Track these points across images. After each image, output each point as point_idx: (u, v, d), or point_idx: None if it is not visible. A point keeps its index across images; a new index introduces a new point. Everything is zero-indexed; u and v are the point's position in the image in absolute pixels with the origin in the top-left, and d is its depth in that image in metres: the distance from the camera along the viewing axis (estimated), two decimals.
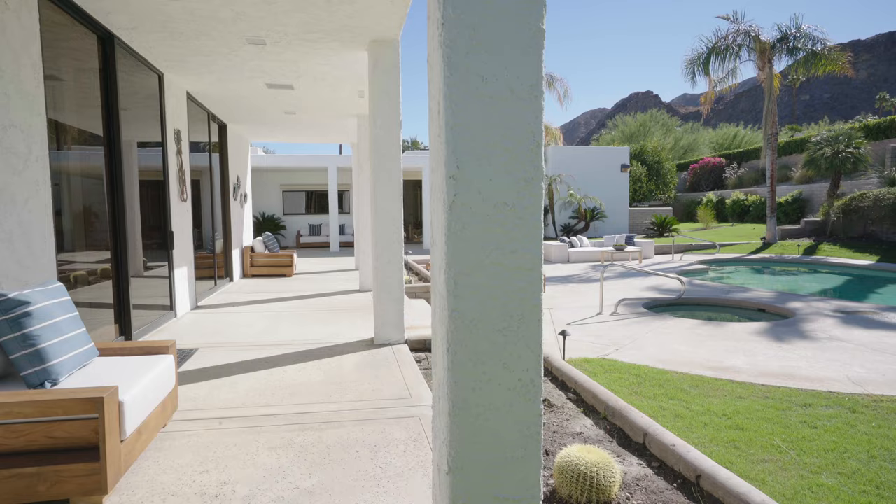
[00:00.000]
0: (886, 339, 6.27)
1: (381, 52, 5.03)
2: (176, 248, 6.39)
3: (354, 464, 2.71)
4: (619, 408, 3.32)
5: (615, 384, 4.87)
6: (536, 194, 1.59)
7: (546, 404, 3.70)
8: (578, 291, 10.33)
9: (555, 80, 22.35)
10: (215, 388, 3.92)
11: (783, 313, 8.15)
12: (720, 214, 26.50)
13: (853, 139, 17.54)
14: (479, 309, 1.58)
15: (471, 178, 1.55)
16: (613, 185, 24.06)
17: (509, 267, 1.58)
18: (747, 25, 17.62)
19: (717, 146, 41.80)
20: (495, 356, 1.60)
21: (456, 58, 1.52)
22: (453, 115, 1.53)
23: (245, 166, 11.19)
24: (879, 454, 3.40)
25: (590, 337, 6.72)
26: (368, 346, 5.15)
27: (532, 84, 1.56)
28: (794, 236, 18.59)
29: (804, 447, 3.53)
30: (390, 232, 5.18)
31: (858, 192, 17.12)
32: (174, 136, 6.39)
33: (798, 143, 26.19)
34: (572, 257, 15.74)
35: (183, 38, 4.96)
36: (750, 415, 4.10)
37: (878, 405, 4.27)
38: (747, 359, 5.64)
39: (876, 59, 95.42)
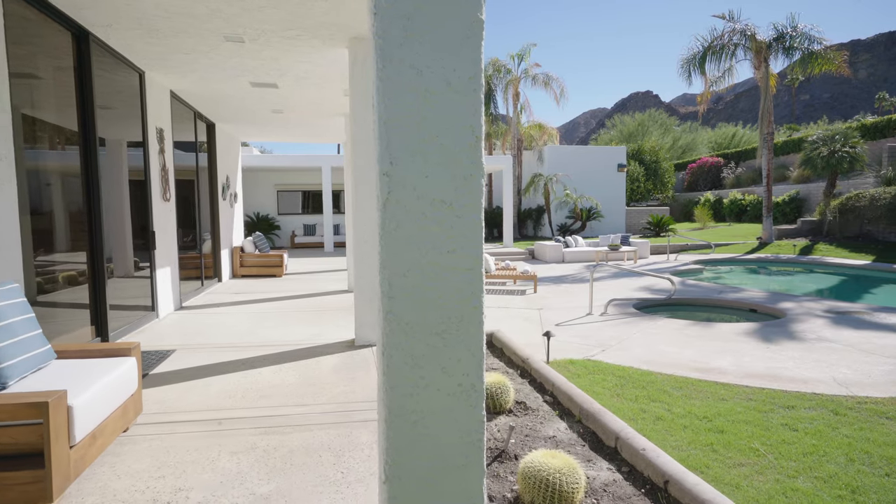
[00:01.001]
0: (875, 340, 6.21)
1: (360, 49, 4.97)
2: (158, 249, 6.33)
3: (316, 468, 2.65)
4: (594, 411, 3.26)
5: (598, 386, 4.81)
6: (476, 192, 1.53)
7: (522, 407, 3.64)
8: (571, 292, 10.26)
9: (551, 79, 22.28)
10: (187, 390, 3.85)
11: (774, 313, 8.08)
12: (718, 214, 26.42)
13: (849, 139, 17.46)
14: (415, 311, 1.52)
15: (405, 175, 1.49)
16: (610, 184, 23.99)
17: (447, 267, 1.52)
18: (743, 24, 17.55)
19: (716, 146, 41.72)
20: (433, 360, 1.54)
21: (388, 49, 1.46)
22: (386, 110, 1.47)
23: (235, 166, 11.13)
24: (858, 457, 3.34)
25: (577, 338, 6.65)
26: (349, 347, 5.09)
27: (470, 77, 1.50)
28: (790, 236, 18.52)
29: (783, 450, 3.47)
30: (370, 233, 5.12)
31: (855, 192, 17.05)
32: (156, 135, 6.33)
33: (796, 142, 26.11)
34: (567, 257, 15.68)
35: (160, 36, 4.90)
36: (731, 417, 4.03)
37: (861, 407, 4.21)
38: (734, 360, 5.57)
39: (876, 59, 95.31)
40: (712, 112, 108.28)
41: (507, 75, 22.58)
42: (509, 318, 7.98)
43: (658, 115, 44.86)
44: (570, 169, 22.82)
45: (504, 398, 3.48)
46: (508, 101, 23.04)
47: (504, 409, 3.51)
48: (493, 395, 3.46)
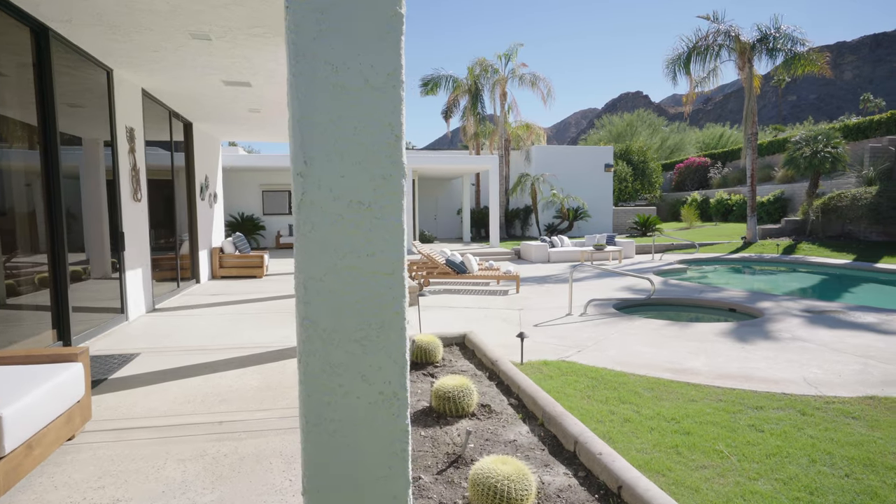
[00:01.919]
0: (848, 339, 6.23)
1: None
2: (128, 250, 6.21)
3: (264, 476, 2.58)
4: (556, 414, 3.22)
5: (569, 387, 4.77)
6: (396, 192, 1.47)
7: (486, 410, 3.59)
8: (553, 292, 10.24)
9: (538, 79, 22.28)
10: (144, 395, 3.77)
11: (753, 313, 8.11)
12: (704, 214, 26.58)
13: (831, 139, 17.62)
14: (332, 317, 1.46)
15: (320, 175, 1.43)
16: (598, 184, 24.04)
17: (366, 271, 1.47)
18: (727, 25, 17.64)
19: (704, 146, 41.99)
20: (353, 368, 1.48)
21: (302, 44, 1.40)
22: (300, 107, 1.41)
23: (215, 165, 10.99)
24: (820, 458, 3.32)
25: (554, 338, 6.62)
26: None
27: (389, 73, 1.44)
28: (774, 235, 18.66)
29: (747, 452, 3.45)
30: None
31: (837, 192, 17.21)
32: (126, 134, 6.22)
33: (781, 143, 26.32)
34: (553, 257, 15.67)
35: (123, 32, 4.80)
36: (699, 418, 4.01)
37: (828, 407, 4.20)
38: (708, 360, 5.56)
39: (861, 61, 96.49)
40: (701, 112, 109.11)
41: (494, 75, 22.56)
42: (488, 318, 7.94)
43: (647, 115, 45.07)
44: (558, 169, 22.85)
45: (466, 401, 3.43)
46: (496, 101, 23.02)
47: (467, 412, 3.46)
48: (455, 399, 3.41)
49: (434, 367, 4.57)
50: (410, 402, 3.83)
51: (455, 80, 23.26)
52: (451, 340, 5.32)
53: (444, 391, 3.44)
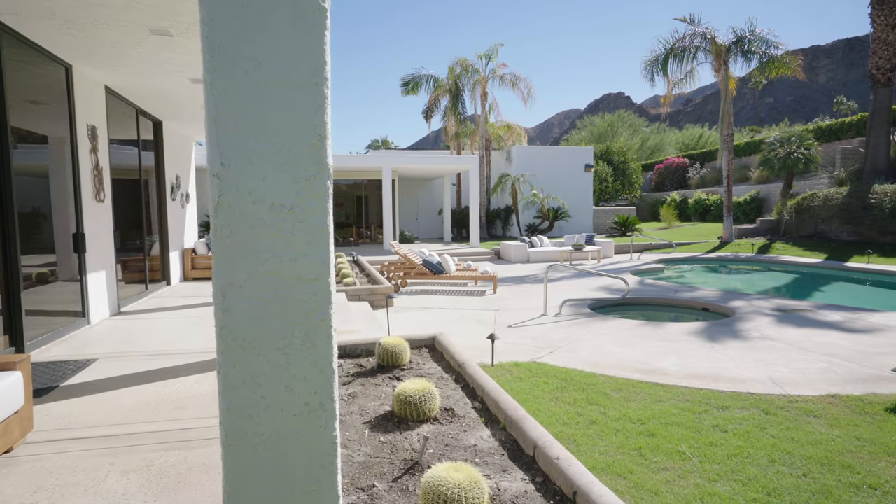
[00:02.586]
0: (815, 338, 6.32)
1: None
2: (91, 251, 6.03)
3: (210, 488, 2.49)
4: (517, 418, 3.18)
5: (538, 389, 4.75)
6: (321, 194, 1.41)
7: (449, 414, 3.54)
8: (530, 292, 10.23)
9: (519, 79, 22.34)
10: (98, 402, 3.64)
11: (725, 312, 8.19)
12: (683, 214, 26.91)
13: (804, 140, 17.95)
14: (253, 325, 1.39)
15: (238, 177, 1.36)
16: (578, 184, 24.19)
17: (289, 277, 1.40)
18: (703, 28, 17.87)
19: (683, 146, 42.53)
20: (275, 378, 1.41)
21: (218, 38, 1.33)
22: (216, 105, 1.34)
23: (188, 165, 10.78)
24: (780, 458, 3.34)
25: (527, 339, 6.60)
26: None
27: (312, 70, 1.38)
28: (750, 235, 18.94)
29: (709, 453, 3.45)
30: None
31: (810, 192, 17.53)
32: (88, 132, 6.04)
33: (757, 144, 26.75)
34: (532, 257, 15.70)
35: (79, 27, 4.65)
36: (665, 419, 4.01)
37: (791, 406, 4.24)
38: (678, 360, 5.58)
39: (835, 64, 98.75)
40: (681, 114, 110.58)
41: (475, 75, 22.56)
42: (463, 319, 7.90)
43: (627, 115, 45.52)
44: (539, 169, 22.92)
45: (428, 406, 3.38)
46: (476, 101, 23.03)
47: (428, 417, 3.40)
48: (416, 403, 3.35)
49: (401, 369, 4.51)
50: (373, 406, 3.77)
51: (436, 79, 23.20)
52: (421, 342, 5.26)
53: (406, 395, 3.38)
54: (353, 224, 23.37)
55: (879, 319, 7.25)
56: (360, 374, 4.46)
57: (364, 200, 23.60)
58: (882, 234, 15.10)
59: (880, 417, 3.96)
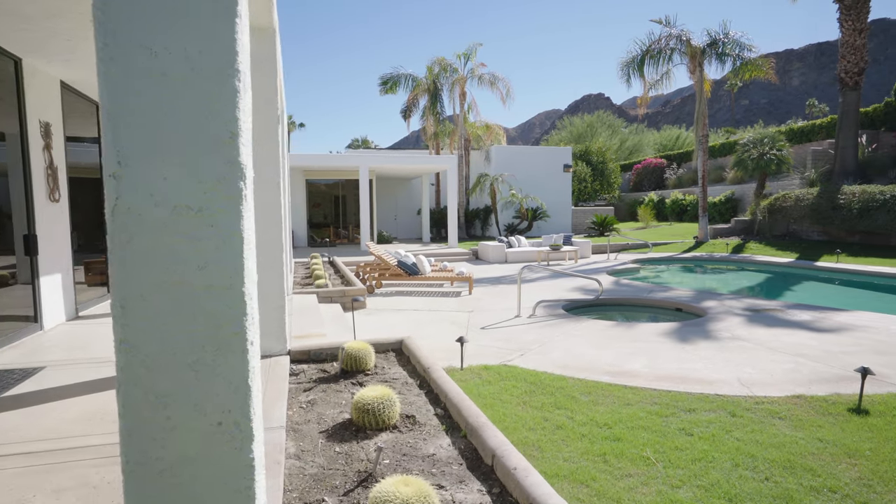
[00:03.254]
0: (783, 338, 6.37)
1: (254, 40, 4.63)
2: (44, 253, 5.78)
3: None
4: (478, 425, 3.09)
5: (506, 393, 4.67)
6: (233, 197, 1.29)
7: (410, 422, 3.43)
8: (506, 293, 10.18)
9: (497, 79, 22.33)
10: (42, 414, 3.45)
11: (698, 312, 8.23)
12: (660, 214, 27.22)
13: (776, 142, 18.26)
14: (156, 339, 1.27)
15: (138, 177, 1.23)
16: (557, 184, 24.28)
17: (198, 286, 1.28)
18: (679, 30, 18.06)
19: (661, 147, 43.08)
20: (183, 397, 1.29)
21: (111, 24, 1.20)
22: (111, 98, 1.21)
23: None
24: (743, 462, 3.31)
25: (500, 341, 6.53)
26: None
27: (222, 60, 1.26)
28: (725, 235, 19.22)
29: (674, 458, 3.40)
30: (271, 235, 4.80)
31: (782, 193, 17.85)
32: (41, 129, 5.78)
33: (732, 145, 27.18)
34: (510, 257, 15.68)
35: (25, 18, 4.42)
36: (631, 423, 3.96)
37: (757, 408, 4.23)
38: (648, 361, 5.56)
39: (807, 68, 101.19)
40: (660, 115, 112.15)
41: (454, 74, 22.48)
42: (437, 321, 7.80)
43: (606, 116, 45.93)
44: (518, 169, 22.94)
45: (386, 414, 3.27)
46: (455, 101, 22.95)
47: (387, 425, 3.29)
48: (375, 411, 3.24)
49: (365, 375, 4.39)
50: (332, 414, 3.64)
51: (414, 78, 23.06)
52: (388, 346, 5.14)
53: (364, 403, 3.26)
54: (330, 224, 23.11)
55: (846, 319, 7.35)
56: (322, 380, 4.33)
57: (342, 200, 23.36)
58: (850, 233, 15.43)
59: (843, 418, 3.97)
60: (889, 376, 4.92)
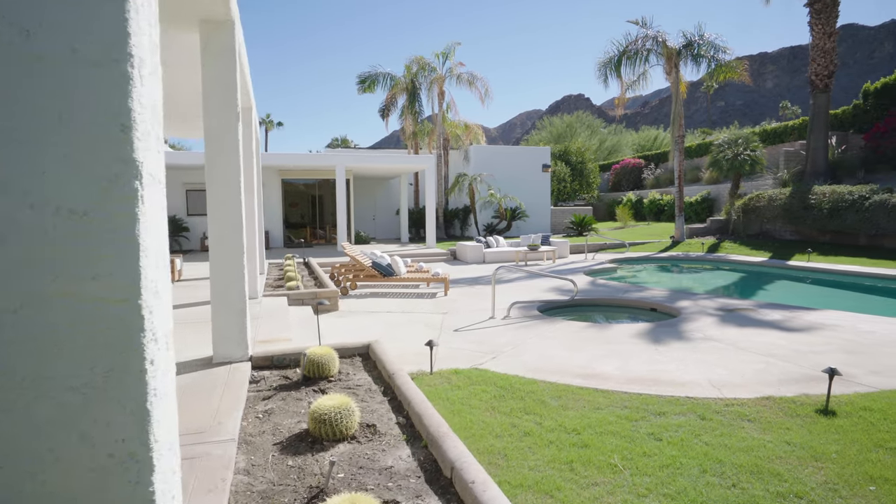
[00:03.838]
0: (755, 338, 6.38)
1: (211, 33, 4.46)
2: None
3: None
4: (439, 435, 2.96)
5: (475, 398, 4.56)
6: (128, 199, 1.14)
7: (370, 431, 3.30)
8: (482, 294, 10.08)
9: (476, 78, 22.25)
10: None
11: (671, 312, 8.24)
12: (638, 214, 27.46)
13: (750, 142, 18.53)
14: (35, 359, 1.11)
15: (9, 175, 1.08)
16: (536, 184, 24.32)
17: (87, 298, 1.13)
18: (655, 31, 18.20)
19: (639, 148, 43.53)
20: (68, 425, 1.14)
21: None
22: None
23: None
24: (711, 468, 3.24)
25: (472, 344, 6.42)
26: (205, 365, 4.56)
27: (109, 43, 1.11)
28: (701, 234, 19.44)
29: (641, 465, 3.32)
30: (230, 237, 4.62)
31: (756, 193, 18.11)
32: None
33: (708, 145, 27.56)
34: (488, 258, 15.61)
35: None
36: (600, 428, 3.88)
37: (727, 410, 4.19)
38: (620, 363, 5.51)
39: (780, 71, 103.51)
40: (639, 116, 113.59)
41: (432, 73, 22.34)
42: (410, 323, 7.66)
43: (586, 117, 46.27)
44: (497, 169, 22.91)
45: (345, 424, 3.12)
46: (433, 100, 22.81)
47: (345, 435, 3.15)
48: (332, 421, 3.09)
49: (328, 381, 4.24)
50: (289, 424, 3.48)
51: (392, 77, 22.86)
52: (354, 351, 5.00)
53: (320, 413, 3.12)
54: (307, 224, 22.78)
55: (816, 318, 7.42)
56: (283, 388, 4.16)
57: (319, 200, 23.05)
58: (821, 233, 15.71)
59: (810, 419, 3.95)
60: (856, 376, 4.94)
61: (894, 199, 13.32)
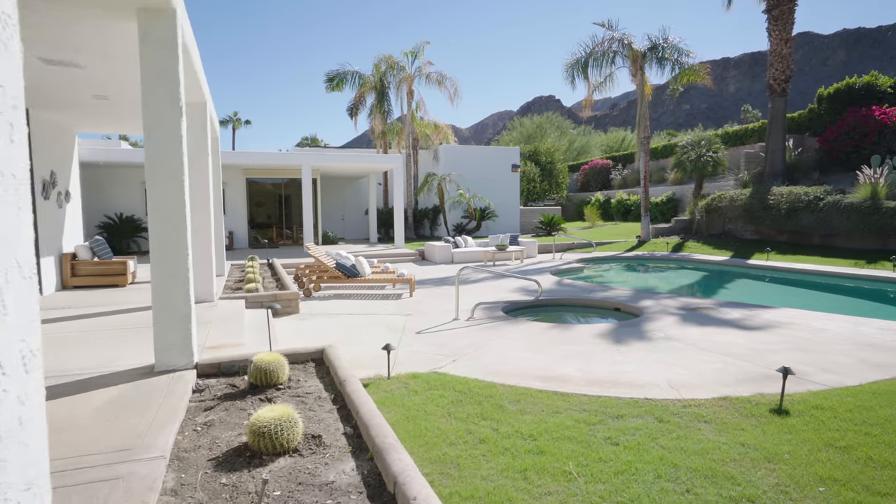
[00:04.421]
0: (714, 337, 6.43)
1: (150, 22, 4.20)
2: None
3: None
4: (385, 446, 2.82)
5: (432, 404, 4.42)
6: None
7: (315, 443, 3.12)
8: (448, 295, 9.96)
9: (445, 78, 22.15)
10: None
11: (635, 312, 8.28)
12: (606, 214, 27.81)
13: (713, 144, 18.94)
14: None
15: None
16: (505, 184, 24.36)
17: None
18: (621, 34, 18.42)
19: (608, 149, 44.19)
20: None
21: None
22: None
23: (67, 159, 9.64)
24: (666, 473, 3.19)
25: (433, 346, 6.28)
26: (145, 374, 4.30)
27: None
28: (666, 234, 19.77)
29: (596, 471, 3.24)
30: (173, 238, 4.36)
31: (718, 193, 18.51)
32: None
33: (673, 147, 28.12)
34: (456, 258, 15.51)
35: None
36: (557, 433, 3.80)
37: (685, 411, 4.16)
38: (582, 365, 5.46)
39: (742, 75, 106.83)
40: (608, 117, 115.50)
41: (401, 72, 22.13)
42: (372, 326, 7.48)
43: (555, 118, 46.71)
44: (466, 169, 22.85)
45: (285, 436, 2.94)
46: (402, 99, 22.60)
47: (287, 448, 2.97)
48: (271, 434, 2.91)
49: (276, 389, 4.04)
50: (228, 437, 3.27)
51: (361, 76, 22.55)
52: (308, 356, 4.80)
53: (259, 425, 2.93)
54: (274, 225, 22.27)
55: (773, 316, 7.55)
56: (228, 397, 3.95)
57: (286, 200, 22.56)
58: (779, 232, 16.16)
59: (764, 419, 3.95)
60: (809, 374, 5.00)
61: (846, 200, 13.78)
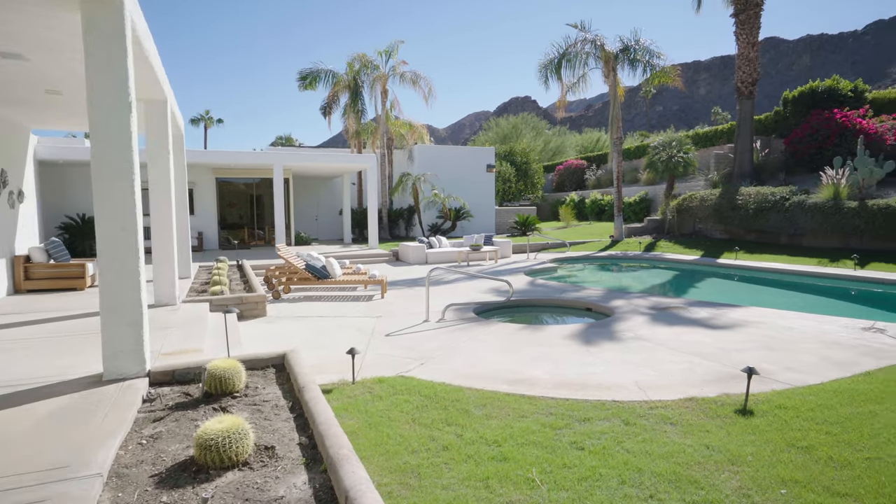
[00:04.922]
0: (684, 336, 6.46)
1: (95, 12, 3.98)
2: None
3: None
4: (338, 458, 2.69)
5: (396, 409, 4.31)
6: None
7: (267, 455, 2.97)
8: (420, 296, 9.81)
9: (419, 77, 22.01)
10: None
11: (606, 312, 8.29)
12: (581, 214, 28.03)
13: (683, 145, 19.24)
14: None
15: None
16: (480, 184, 24.34)
17: None
18: (593, 35, 18.56)
19: (583, 149, 44.62)
20: None
21: None
22: None
23: (21, 158, 9.21)
24: (630, 478, 3.14)
25: (401, 349, 6.16)
26: (92, 384, 4.07)
27: None
28: (639, 234, 20.00)
29: (560, 478, 3.17)
30: (122, 239, 4.15)
31: (689, 194, 18.80)
32: None
33: (645, 147, 28.52)
34: (430, 258, 15.39)
35: None
36: (522, 439, 3.72)
37: (651, 413, 4.14)
38: (550, 367, 5.40)
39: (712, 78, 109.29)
40: (583, 118, 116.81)
41: (375, 71, 21.91)
42: (340, 328, 7.31)
43: (531, 118, 46.96)
44: (441, 169, 22.75)
45: (234, 449, 2.79)
46: (377, 99, 22.37)
47: (236, 462, 2.81)
48: (219, 447, 2.75)
49: (232, 398, 3.86)
50: (175, 451, 3.09)
51: (335, 74, 22.25)
52: (268, 362, 4.63)
53: (206, 438, 2.77)
54: (246, 225, 21.80)
55: (740, 315, 7.64)
56: (180, 406, 3.76)
57: (258, 200, 22.11)
58: (747, 232, 16.49)
59: (729, 420, 3.95)
60: (774, 373, 5.04)
61: (810, 201, 14.12)
